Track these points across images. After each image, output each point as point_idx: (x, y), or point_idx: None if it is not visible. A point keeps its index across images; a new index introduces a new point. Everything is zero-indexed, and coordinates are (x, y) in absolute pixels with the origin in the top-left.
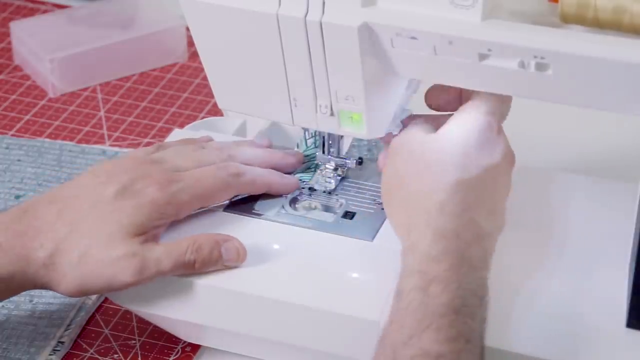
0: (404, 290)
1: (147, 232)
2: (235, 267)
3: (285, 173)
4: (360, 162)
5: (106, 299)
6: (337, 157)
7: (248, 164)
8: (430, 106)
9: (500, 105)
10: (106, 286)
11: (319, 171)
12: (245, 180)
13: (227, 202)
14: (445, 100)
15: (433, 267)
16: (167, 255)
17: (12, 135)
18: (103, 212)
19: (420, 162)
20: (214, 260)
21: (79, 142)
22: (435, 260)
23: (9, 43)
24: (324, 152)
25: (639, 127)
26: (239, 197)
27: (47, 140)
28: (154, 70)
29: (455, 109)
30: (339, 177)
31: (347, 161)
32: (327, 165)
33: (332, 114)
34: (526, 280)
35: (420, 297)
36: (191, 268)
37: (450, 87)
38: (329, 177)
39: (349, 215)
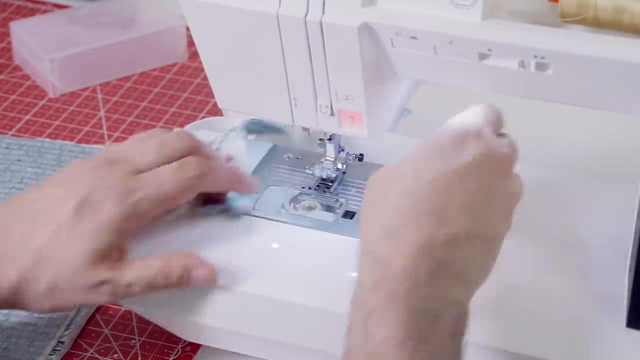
0: (350, 324)
1: (112, 253)
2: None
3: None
4: (360, 158)
5: None
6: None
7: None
8: None
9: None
10: (83, 305)
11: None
12: (207, 181)
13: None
14: None
15: (371, 298)
16: (137, 279)
17: (12, 135)
18: (65, 238)
19: (376, 190)
20: (182, 285)
21: (79, 142)
22: (371, 290)
23: (9, 43)
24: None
25: (639, 127)
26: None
27: (47, 140)
28: (154, 70)
29: None
30: (338, 170)
31: (330, 158)
32: (327, 157)
33: (332, 114)
34: (526, 280)
35: (362, 334)
36: (161, 290)
37: None
38: (329, 169)
39: (349, 215)
